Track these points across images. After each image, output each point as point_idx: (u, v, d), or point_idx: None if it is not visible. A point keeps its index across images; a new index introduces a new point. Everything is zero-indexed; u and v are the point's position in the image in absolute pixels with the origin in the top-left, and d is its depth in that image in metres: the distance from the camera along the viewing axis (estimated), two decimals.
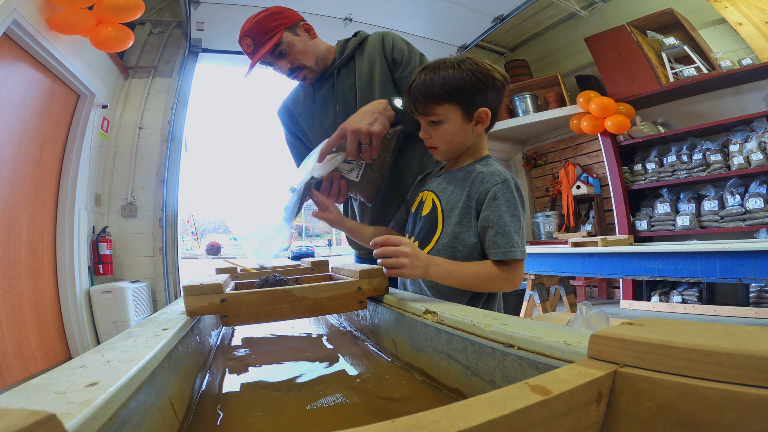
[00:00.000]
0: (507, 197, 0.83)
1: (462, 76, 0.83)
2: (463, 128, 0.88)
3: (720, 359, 0.26)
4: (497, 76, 0.86)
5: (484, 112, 0.86)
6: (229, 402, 0.62)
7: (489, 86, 0.85)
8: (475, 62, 0.86)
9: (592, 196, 4.32)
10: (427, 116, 0.88)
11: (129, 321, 2.83)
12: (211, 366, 0.79)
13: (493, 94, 0.86)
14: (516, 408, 0.24)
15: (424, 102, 0.86)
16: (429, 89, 0.85)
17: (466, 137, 0.89)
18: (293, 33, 1.10)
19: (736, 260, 1.81)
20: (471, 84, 0.83)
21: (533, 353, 0.44)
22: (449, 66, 0.85)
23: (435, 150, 0.92)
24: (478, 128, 0.88)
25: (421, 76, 0.87)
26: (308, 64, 1.13)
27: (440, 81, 0.84)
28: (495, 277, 0.80)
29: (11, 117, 2.26)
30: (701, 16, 3.51)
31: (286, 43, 1.09)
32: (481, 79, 0.84)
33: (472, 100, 0.85)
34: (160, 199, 3.27)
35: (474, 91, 0.84)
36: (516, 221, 0.82)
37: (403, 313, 0.77)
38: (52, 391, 0.33)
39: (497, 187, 0.84)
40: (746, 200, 3.13)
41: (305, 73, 1.14)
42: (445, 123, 0.87)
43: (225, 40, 3.52)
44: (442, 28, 3.74)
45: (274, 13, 1.09)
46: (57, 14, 2.29)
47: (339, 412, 0.56)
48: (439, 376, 0.63)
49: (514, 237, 0.80)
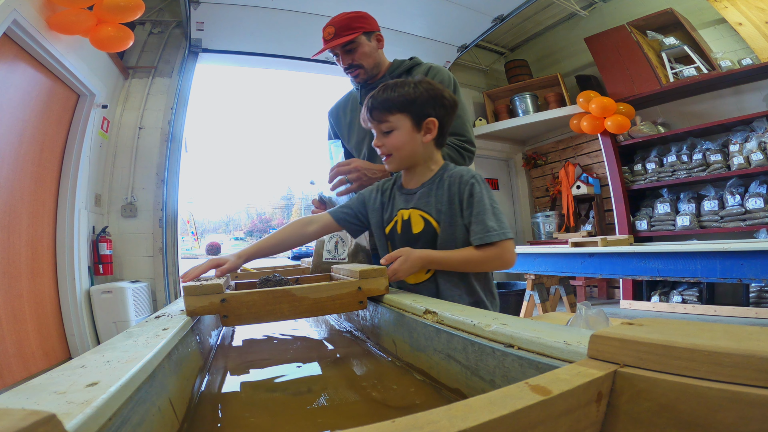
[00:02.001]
0: (478, 191, 0.93)
1: (415, 92, 0.94)
2: (413, 137, 0.96)
3: (720, 359, 0.26)
4: (447, 96, 0.97)
5: (431, 122, 0.96)
6: (229, 402, 0.62)
7: (438, 103, 0.96)
8: (431, 83, 0.97)
9: (592, 196, 4.32)
10: (380, 124, 0.97)
11: (129, 321, 2.83)
12: (211, 366, 0.79)
13: (441, 110, 0.96)
14: (516, 408, 0.24)
15: (380, 111, 0.96)
16: (384, 99, 0.95)
17: (416, 146, 0.97)
18: (368, 38, 1.28)
19: (736, 260, 1.81)
20: (422, 98, 0.94)
21: (533, 353, 0.44)
22: (407, 84, 0.96)
23: (389, 158, 1.00)
24: (426, 138, 0.97)
25: (381, 92, 0.97)
26: (366, 66, 1.29)
27: (395, 93, 0.95)
28: (483, 258, 0.90)
29: (11, 117, 2.26)
30: (701, 16, 3.51)
31: (358, 43, 1.26)
32: (432, 95, 0.95)
33: (421, 112, 0.95)
34: (160, 199, 3.27)
35: (424, 104, 0.94)
36: (488, 210, 0.91)
37: (403, 313, 0.77)
38: (52, 391, 0.33)
39: (469, 185, 0.94)
40: (746, 200, 3.13)
41: (359, 72, 1.30)
42: (396, 131, 0.96)
43: (225, 40, 3.52)
44: (442, 28, 3.74)
45: (361, 17, 1.28)
46: (57, 14, 2.29)
47: (339, 412, 0.56)
48: (439, 376, 0.63)
49: (488, 224, 0.89)
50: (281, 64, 3.91)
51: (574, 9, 4.09)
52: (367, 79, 1.32)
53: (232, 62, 3.86)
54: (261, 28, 3.41)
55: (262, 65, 3.96)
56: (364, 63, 1.28)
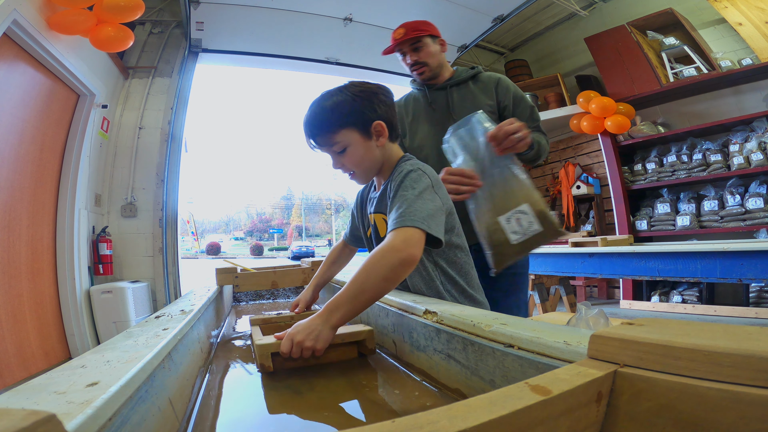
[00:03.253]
0: (396, 189, 0.85)
1: (347, 99, 0.87)
2: (368, 147, 0.90)
3: (720, 359, 0.26)
4: (380, 90, 0.92)
5: (379, 125, 0.90)
6: (228, 402, 0.62)
7: (375, 101, 0.89)
8: (355, 83, 0.91)
9: (592, 196, 4.32)
10: (330, 147, 0.90)
11: (129, 321, 2.83)
12: (211, 366, 0.80)
13: (382, 107, 0.90)
14: (516, 408, 0.24)
15: (324, 134, 0.89)
16: (322, 121, 0.88)
17: (374, 155, 0.92)
18: (433, 40, 1.40)
19: (736, 260, 1.81)
20: (359, 104, 0.87)
21: (533, 353, 0.44)
22: (333, 94, 0.89)
23: (353, 176, 0.95)
24: (380, 141, 0.91)
25: (310, 111, 0.90)
26: (431, 64, 1.38)
27: (329, 109, 0.87)
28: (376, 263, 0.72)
29: (11, 117, 2.26)
30: (701, 16, 3.50)
31: (424, 43, 1.38)
32: (368, 96, 0.89)
33: (364, 119, 0.88)
34: (160, 199, 3.27)
35: (363, 110, 0.88)
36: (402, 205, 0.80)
37: (403, 313, 0.77)
38: (52, 391, 0.33)
39: (399, 179, 0.86)
40: (746, 200, 3.13)
41: (425, 69, 1.38)
42: (349, 147, 0.89)
43: (225, 40, 3.52)
44: (442, 28, 3.69)
45: (429, 24, 1.41)
46: (57, 14, 2.29)
47: (338, 411, 0.56)
48: (439, 376, 0.63)
49: (393, 215, 0.80)
50: (281, 64, 3.91)
51: (574, 9, 4.09)
52: (431, 77, 1.40)
53: (232, 62, 3.86)
54: (261, 28, 3.40)
55: (262, 65, 3.96)
56: (429, 61, 1.38)
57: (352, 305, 0.71)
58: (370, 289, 0.71)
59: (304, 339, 0.67)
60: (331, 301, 0.72)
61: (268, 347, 0.70)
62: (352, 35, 3.57)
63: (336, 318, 0.70)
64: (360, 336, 0.77)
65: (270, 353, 0.70)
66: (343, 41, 3.64)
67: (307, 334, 0.68)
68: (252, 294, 1.73)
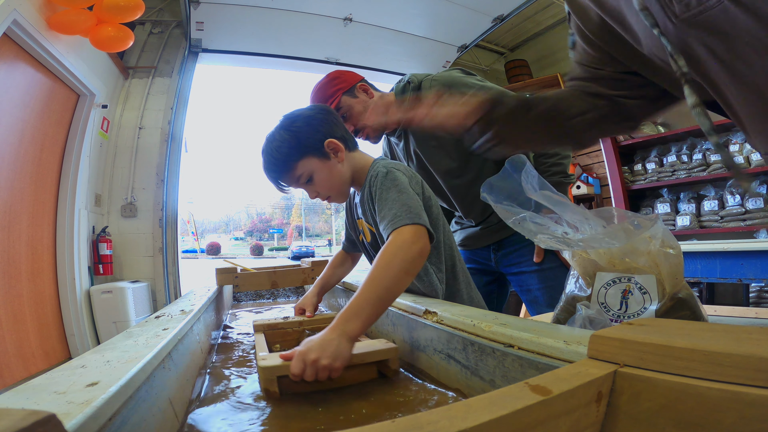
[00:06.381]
0: (377, 190, 0.85)
1: (290, 133, 0.88)
2: (331, 167, 0.90)
3: (720, 359, 0.26)
4: (312, 113, 0.92)
5: (331, 142, 0.90)
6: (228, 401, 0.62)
7: (315, 124, 0.90)
8: (288, 116, 0.92)
9: (592, 196, 4.32)
10: (297, 181, 0.91)
11: (129, 321, 2.82)
12: (211, 366, 0.80)
13: (325, 126, 0.90)
14: (516, 408, 0.24)
15: (284, 174, 0.90)
16: (277, 162, 0.89)
17: (339, 171, 0.92)
18: (351, 95, 1.17)
19: (736, 260, 1.81)
20: (302, 132, 0.88)
21: (533, 353, 0.44)
22: (275, 134, 0.90)
23: (330, 199, 0.96)
24: (340, 156, 0.91)
25: (263, 159, 0.91)
26: (369, 123, 1.18)
27: (277, 149, 0.88)
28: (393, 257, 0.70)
29: (11, 117, 2.26)
30: None
31: (345, 107, 1.16)
32: (307, 120, 0.90)
33: (315, 143, 0.89)
34: (160, 199, 3.27)
35: (310, 135, 0.88)
36: (392, 206, 0.80)
37: (403, 313, 0.77)
38: (52, 391, 0.34)
39: (378, 181, 0.86)
40: (746, 200, 3.13)
41: (368, 132, 1.20)
42: (314, 174, 0.90)
43: (225, 40, 3.52)
44: (441, 28, 3.73)
45: (332, 79, 1.18)
46: (57, 14, 2.28)
47: (338, 412, 0.56)
48: (439, 376, 0.63)
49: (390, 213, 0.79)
50: (281, 64, 3.91)
51: None
52: (381, 133, 1.22)
53: (231, 62, 3.86)
54: (261, 28, 3.41)
55: (261, 65, 3.96)
56: (365, 122, 1.18)
57: (374, 308, 0.65)
58: (392, 285, 0.67)
59: (318, 357, 0.58)
60: (346, 309, 0.64)
61: (273, 370, 0.60)
62: (352, 35, 3.57)
63: (354, 327, 0.62)
64: (382, 355, 0.66)
65: (276, 377, 0.60)
66: (343, 41, 3.64)
67: (322, 351, 0.58)
68: (252, 294, 1.73)
